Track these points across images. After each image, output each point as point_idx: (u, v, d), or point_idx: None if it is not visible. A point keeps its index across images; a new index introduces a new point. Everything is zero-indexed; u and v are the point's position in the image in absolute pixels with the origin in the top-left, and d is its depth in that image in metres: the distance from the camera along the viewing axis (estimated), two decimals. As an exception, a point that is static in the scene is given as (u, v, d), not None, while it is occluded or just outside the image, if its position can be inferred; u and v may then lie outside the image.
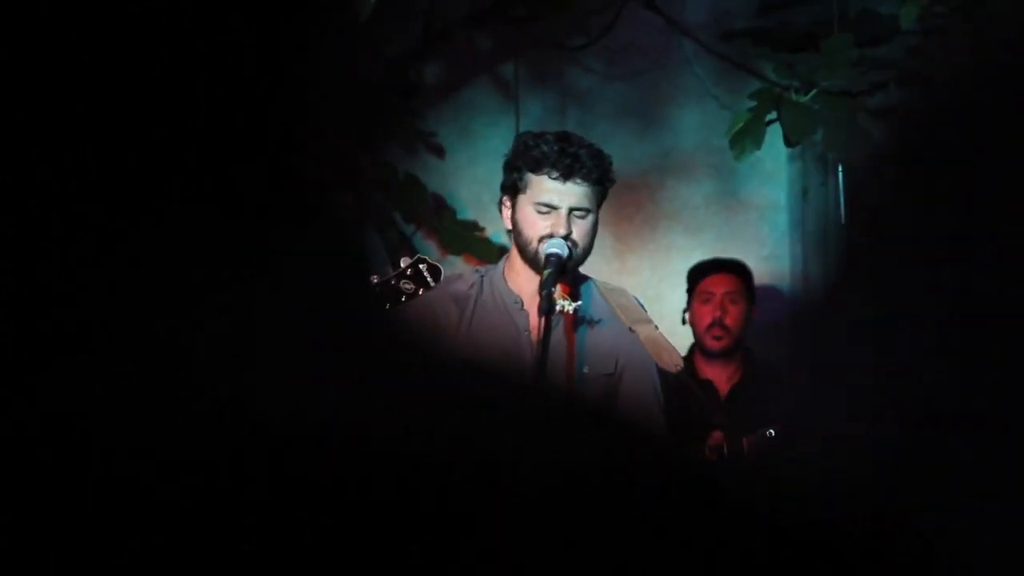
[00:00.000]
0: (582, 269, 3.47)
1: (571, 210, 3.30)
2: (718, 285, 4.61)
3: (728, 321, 4.55)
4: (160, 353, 0.48)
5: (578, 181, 3.30)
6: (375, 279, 3.47)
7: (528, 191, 3.32)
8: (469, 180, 5.30)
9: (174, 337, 0.49)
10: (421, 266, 3.50)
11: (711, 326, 4.56)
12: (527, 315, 3.34)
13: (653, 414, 3.33)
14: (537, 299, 3.26)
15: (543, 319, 3.17)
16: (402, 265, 3.50)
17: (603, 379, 3.33)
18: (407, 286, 3.48)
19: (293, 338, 0.52)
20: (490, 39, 5.25)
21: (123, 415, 0.47)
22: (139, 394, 0.47)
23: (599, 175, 3.33)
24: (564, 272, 3.29)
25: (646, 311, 3.50)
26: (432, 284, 3.48)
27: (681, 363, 3.43)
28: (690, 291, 4.67)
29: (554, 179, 3.29)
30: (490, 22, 5.07)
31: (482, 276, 3.49)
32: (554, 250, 3.26)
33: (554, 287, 3.23)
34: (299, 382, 0.51)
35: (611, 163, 3.38)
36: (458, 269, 5.27)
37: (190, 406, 0.48)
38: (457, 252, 5.25)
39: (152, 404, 0.48)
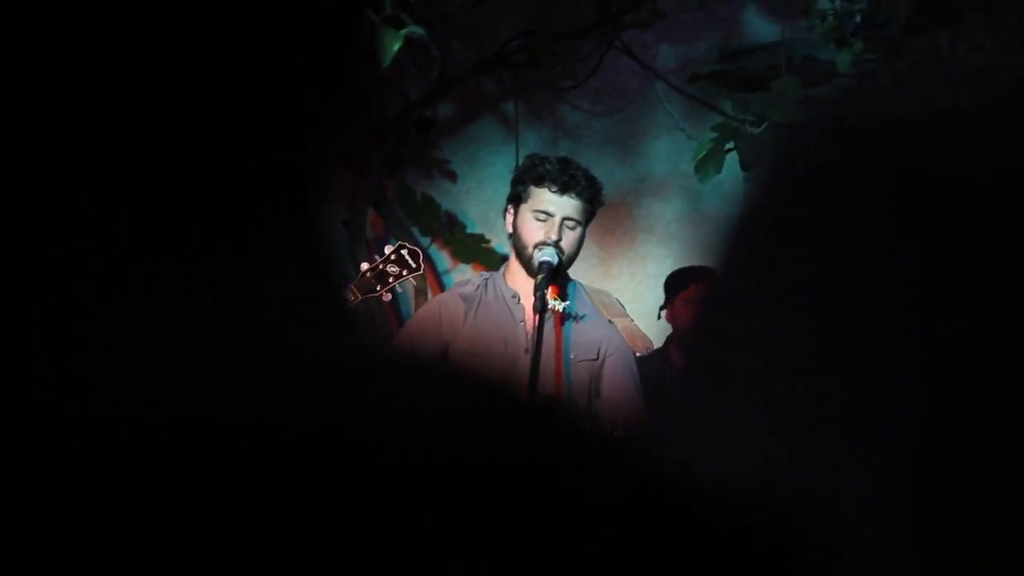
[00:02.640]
0: (574, 276, 3.52)
1: (564, 219, 3.34)
2: (702, 294, 4.52)
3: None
4: (164, 349, 0.40)
5: (572, 196, 3.35)
6: (365, 267, 3.46)
7: (529, 200, 3.38)
8: (477, 200, 5.32)
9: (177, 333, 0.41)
10: (403, 251, 3.52)
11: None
12: (523, 308, 3.40)
13: (630, 389, 3.40)
14: (531, 295, 3.30)
15: (537, 316, 3.23)
16: (386, 251, 3.51)
17: (588, 364, 3.37)
18: (392, 269, 3.49)
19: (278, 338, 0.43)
20: (494, 83, 5.27)
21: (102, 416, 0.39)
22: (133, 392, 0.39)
23: (590, 195, 3.38)
24: (555, 276, 3.33)
25: (624, 308, 3.57)
26: (413, 266, 3.50)
27: (652, 346, 3.46)
28: (673, 296, 4.56)
29: (553, 191, 3.34)
30: (494, 68, 5.08)
31: (486, 279, 3.55)
32: (546, 258, 3.31)
33: (547, 289, 3.27)
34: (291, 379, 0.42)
35: (601, 189, 3.45)
36: (468, 275, 5.31)
37: (188, 405, 0.39)
38: (467, 261, 5.29)
39: (146, 405, 0.39)
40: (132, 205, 0.42)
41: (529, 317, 3.34)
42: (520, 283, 3.42)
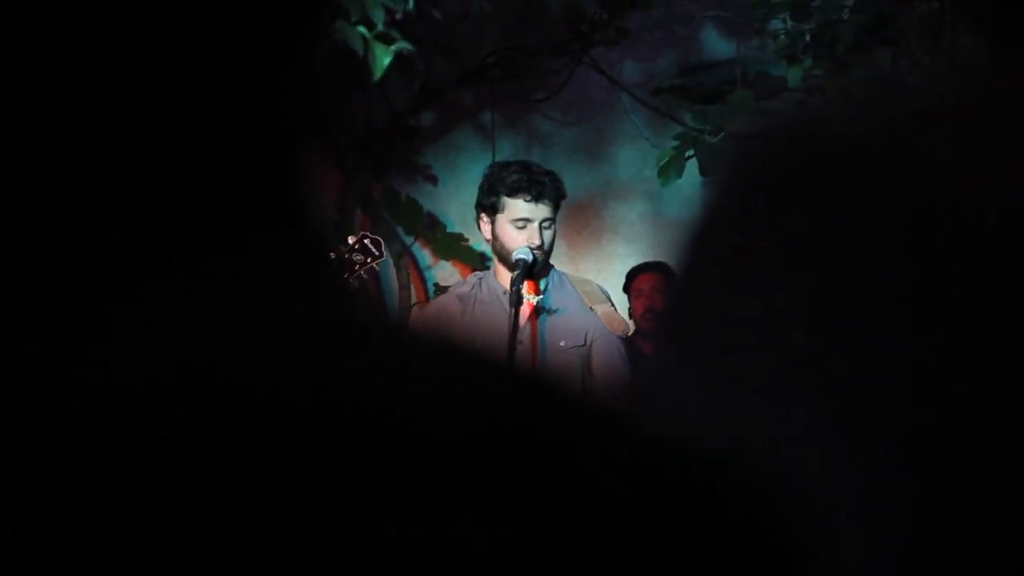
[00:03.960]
0: (559, 266, 3.53)
1: (540, 223, 3.33)
2: (647, 282, 4.62)
3: (656, 308, 4.57)
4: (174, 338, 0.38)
5: (544, 201, 3.34)
6: (333, 256, 3.40)
7: (506, 211, 3.36)
8: (456, 202, 5.32)
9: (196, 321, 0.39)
10: (366, 240, 3.48)
11: (644, 313, 4.58)
12: None
13: (617, 363, 3.38)
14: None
15: (513, 309, 3.21)
16: (350, 242, 3.47)
17: (577, 349, 3.35)
18: (357, 257, 3.45)
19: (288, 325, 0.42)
20: (472, 94, 5.27)
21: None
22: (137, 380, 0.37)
23: (557, 196, 3.39)
24: (531, 272, 3.31)
25: (605, 295, 3.53)
26: (376, 253, 3.46)
27: (629, 329, 3.46)
28: (627, 288, 4.67)
29: (527, 201, 3.32)
30: (473, 81, 5.08)
31: (480, 278, 3.53)
32: (521, 256, 3.29)
33: (522, 284, 3.26)
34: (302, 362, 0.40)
35: (563, 183, 3.45)
36: (448, 272, 5.35)
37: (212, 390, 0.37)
38: (447, 258, 5.30)
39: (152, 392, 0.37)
40: (132, 205, 0.39)
41: (520, 311, 3.34)
42: (508, 280, 3.42)
